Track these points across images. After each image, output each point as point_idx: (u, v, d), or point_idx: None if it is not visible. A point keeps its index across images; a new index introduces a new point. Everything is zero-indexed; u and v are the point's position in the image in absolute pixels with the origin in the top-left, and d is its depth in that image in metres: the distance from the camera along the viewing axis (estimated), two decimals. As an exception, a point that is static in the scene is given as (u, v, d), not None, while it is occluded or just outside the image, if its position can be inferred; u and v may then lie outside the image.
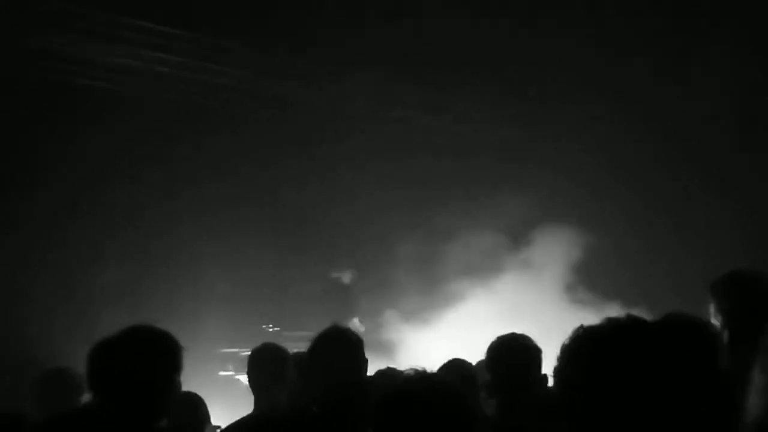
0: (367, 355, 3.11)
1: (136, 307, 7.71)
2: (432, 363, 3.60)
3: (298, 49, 8.82)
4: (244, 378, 8.09)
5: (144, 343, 2.51)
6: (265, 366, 3.88)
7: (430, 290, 8.70)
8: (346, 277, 9.27)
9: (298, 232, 9.30)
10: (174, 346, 2.59)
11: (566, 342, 1.89)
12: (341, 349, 3.06)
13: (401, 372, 2.35)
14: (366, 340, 3.29)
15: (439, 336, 8.05)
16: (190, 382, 2.75)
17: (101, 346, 2.52)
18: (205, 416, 3.59)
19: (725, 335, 3.29)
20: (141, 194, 8.41)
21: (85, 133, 7.73)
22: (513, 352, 3.16)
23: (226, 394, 6.93)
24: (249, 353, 4.09)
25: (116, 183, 8.22)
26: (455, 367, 3.70)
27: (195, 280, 8.65)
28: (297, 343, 4.58)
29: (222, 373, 8.32)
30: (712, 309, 3.43)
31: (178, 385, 2.57)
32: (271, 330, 8.45)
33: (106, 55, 7.99)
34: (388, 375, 3.45)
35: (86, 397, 2.66)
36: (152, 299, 7.95)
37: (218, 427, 3.73)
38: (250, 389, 3.98)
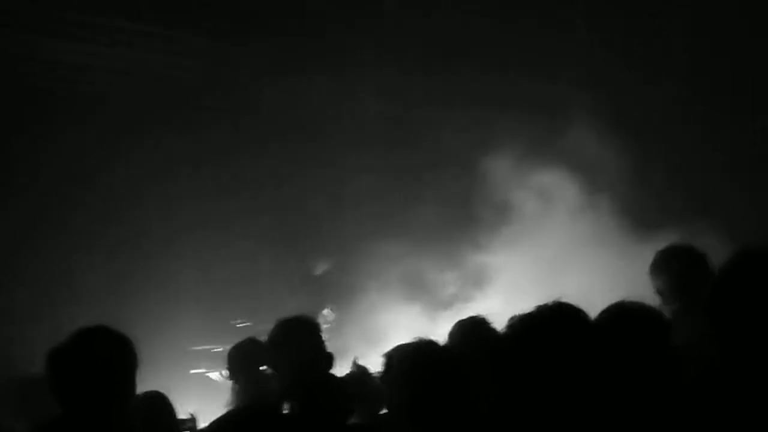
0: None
1: (106, 308, 7.66)
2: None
3: (273, 42, 8.77)
4: (215, 375, 8.12)
5: (96, 345, 2.50)
6: (247, 360, 3.90)
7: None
8: (319, 269, 9.27)
9: (271, 225, 9.28)
10: (127, 344, 2.57)
11: (501, 334, 1.97)
12: (303, 336, 3.11)
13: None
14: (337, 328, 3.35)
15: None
16: (161, 380, 2.75)
17: (54, 352, 2.50)
18: (172, 415, 3.58)
19: (670, 311, 3.37)
20: (112, 193, 8.34)
21: (47, 137, 7.66)
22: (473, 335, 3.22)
23: (198, 392, 6.91)
24: (228, 349, 4.12)
25: (83, 185, 8.14)
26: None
27: (165, 278, 8.60)
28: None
29: (193, 371, 8.28)
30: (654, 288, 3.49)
31: (134, 385, 2.55)
32: (240, 325, 8.42)
33: (67, 53, 7.91)
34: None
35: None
36: (123, 299, 7.90)
37: (191, 416, 3.73)
38: (223, 386, 3.99)
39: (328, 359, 3.37)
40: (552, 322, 1.97)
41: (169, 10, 8.12)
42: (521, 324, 2.00)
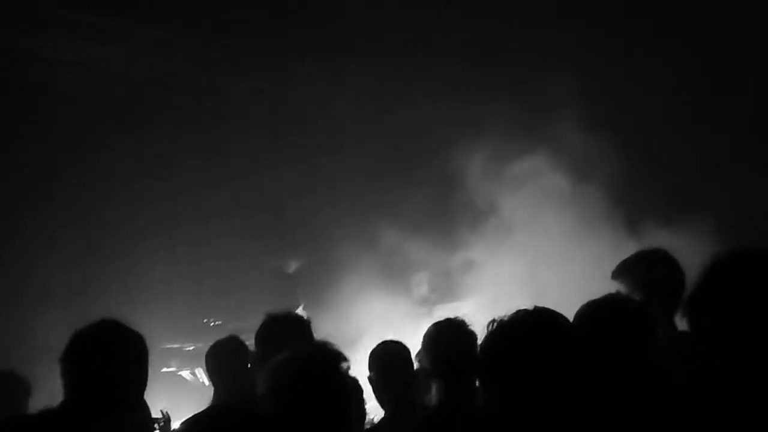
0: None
1: (76, 306, 7.58)
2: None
3: (253, 38, 8.73)
4: (186, 374, 8.06)
5: (112, 336, 2.52)
6: (226, 359, 3.88)
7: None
8: (290, 267, 9.24)
9: (244, 222, 9.24)
10: (140, 338, 2.62)
11: (482, 342, 1.99)
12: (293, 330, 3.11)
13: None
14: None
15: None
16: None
17: (75, 342, 2.51)
18: (148, 414, 3.57)
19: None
20: (80, 193, 8.26)
21: (26, 131, 7.56)
22: (451, 337, 3.20)
23: (169, 391, 6.86)
24: (200, 347, 4.12)
25: (58, 182, 8.05)
26: (392, 348, 3.66)
27: (135, 276, 8.53)
28: (241, 336, 4.58)
29: (165, 369, 8.22)
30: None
31: (146, 379, 2.60)
32: (212, 324, 8.38)
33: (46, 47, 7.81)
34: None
35: (33, 399, 2.66)
36: (92, 297, 7.83)
37: (163, 413, 3.71)
38: (195, 384, 3.98)
39: None
40: (530, 328, 1.99)
41: (156, 9, 8.06)
42: (500, 331, 2.02)
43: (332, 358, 2.25)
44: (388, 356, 3.56)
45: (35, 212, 8.02)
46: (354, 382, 3.31)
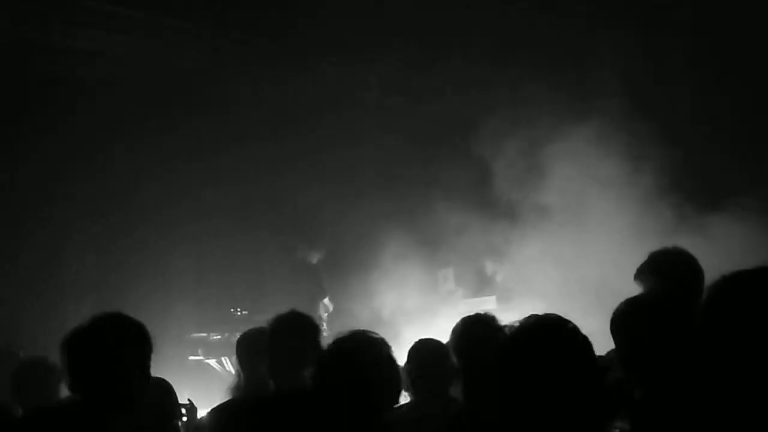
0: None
1: (104, 295, 7.70)
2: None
3: (272, 32, 8.75)
4: (213, 362, 8.15)
5: (114, 331, 2.52)
6: (253, 348, 3.92)
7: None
8: (314, 258, 9.29)
9: (268, 215, 9.29)
10: (142, 331, 2.60)
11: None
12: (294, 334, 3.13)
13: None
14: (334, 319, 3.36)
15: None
16: (159, 367, 2.77)
17: (72, 337, 2.52)
18: (176, 401, 3.61)
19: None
20: (107, 184, 8.34)
21: (47, 124, 7.64)
22: (477, 333, 3.15)
23: (196, 379, 6.94)
24: (227, 337, 4.17)
25: (81, 174, 8.14)
26: (427, 346, 3.66)
27: (163, 266, 8.63)
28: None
29: (192, 357, 8.32)
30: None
31: (149, 371, 2.59)
32: (239, 314, 8.45)
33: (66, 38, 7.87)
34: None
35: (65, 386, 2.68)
36: (121, 287, 7.93)
37: (189, 402, 3.75)
38: (221, 373, 4.02)
39: None
40: (531, 336, 2.00)
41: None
42: (505, 338, 2.04)
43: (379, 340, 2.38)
44: (426, 350, 3.54)
45: (66, 202, 8.13)
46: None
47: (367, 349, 2.42)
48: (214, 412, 3.67)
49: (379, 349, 2.44)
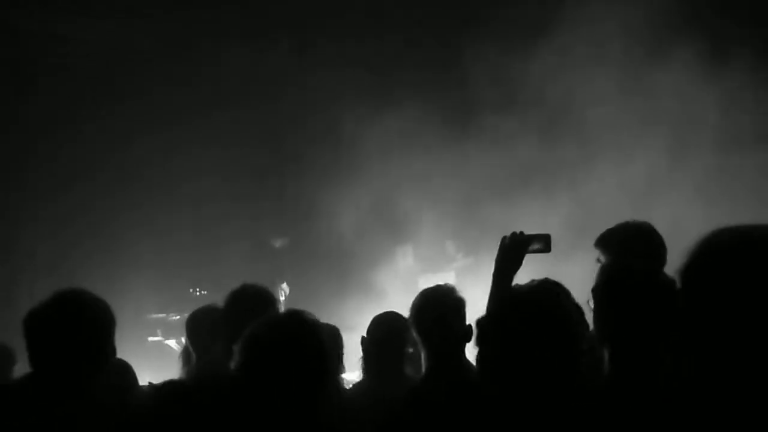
0: None
1: (59, 276, 7.60)
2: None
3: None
4: (172, 343, 8.11)
5: (75, 308, 2.51)
6: (204, 328, 3.88)
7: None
8: (277, 242, 9.27)
9: (232, 195, 9.22)
10: (104, 306, 2.58)
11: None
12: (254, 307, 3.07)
13: None
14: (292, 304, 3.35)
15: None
16: (118, 348, 2.76)
17: (33, 313, 2.50)
18: (134, 381, 3.60)
19: None
20: (62, 165, 8.22)
21: (11, 101, 7.49)
22: (437, 305, 3.13)
23: (155, 360, 6.92)
24: (186, 317, 4.11)
25: (34, 156, 8.00)
26: (388, 319, 3.64)
27: (120, 247, 8.55)
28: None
29: (151, 338, 8.27)
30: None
31: (113, 347, 2.58)
32: (198, 294, 8.41)
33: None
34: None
35: (18, 368, 2.66)
36: (76, 269, 7.84)
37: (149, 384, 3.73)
38: (183, 353, 4.00)
39: None
40: (524, 302, 2.02)
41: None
42: (500, 304, 2.07)
43: (305, 317, 2.25)
44: (385, 323, 3.53)
45: (20, 181, 7.99)
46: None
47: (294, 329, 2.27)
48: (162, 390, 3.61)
49: (311, 330, 2.29)
